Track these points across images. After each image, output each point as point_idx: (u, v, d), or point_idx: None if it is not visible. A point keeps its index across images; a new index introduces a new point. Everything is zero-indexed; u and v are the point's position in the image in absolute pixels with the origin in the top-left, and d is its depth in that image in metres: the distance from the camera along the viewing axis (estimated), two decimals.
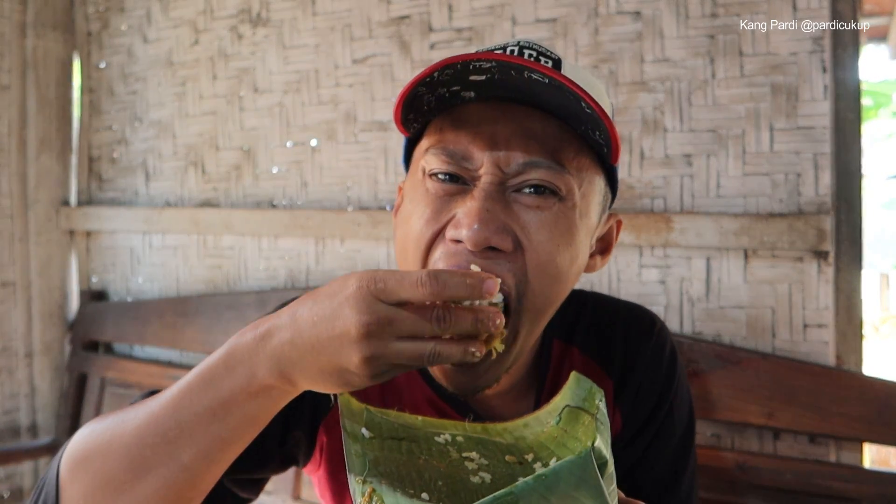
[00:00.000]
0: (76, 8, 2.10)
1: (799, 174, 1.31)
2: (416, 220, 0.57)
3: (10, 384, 1.98)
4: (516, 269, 0.54)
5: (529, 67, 0.50)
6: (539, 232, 0.55)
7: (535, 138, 0.55)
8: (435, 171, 0.57)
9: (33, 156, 2.02)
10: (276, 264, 1.81)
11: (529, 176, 0.55)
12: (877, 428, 1.18)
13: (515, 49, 0.58)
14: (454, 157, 0.56)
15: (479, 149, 0.55)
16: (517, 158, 0.55)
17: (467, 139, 0.55)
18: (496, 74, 0.53)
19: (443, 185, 0.57)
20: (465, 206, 0.54)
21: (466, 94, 0.56)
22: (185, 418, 0.48)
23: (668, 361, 0.74)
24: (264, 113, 1.82)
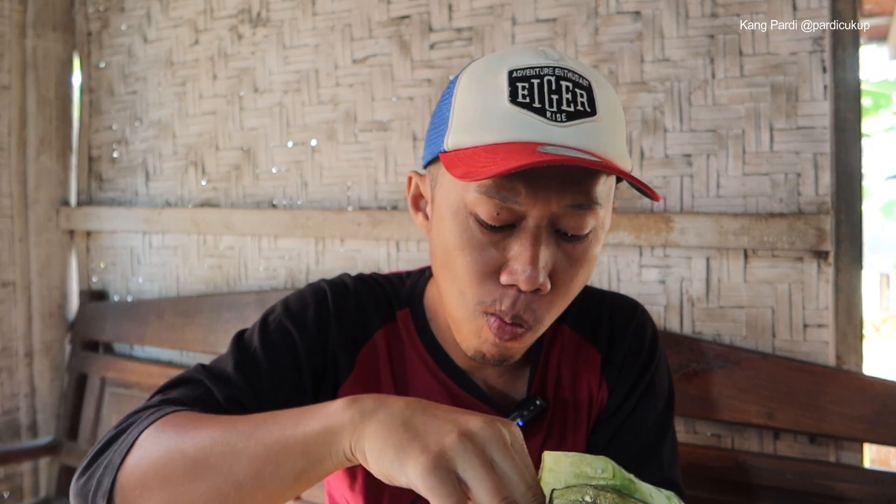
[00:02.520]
0: (76, 8, 2.10)
1: (799, 174, 1.31)
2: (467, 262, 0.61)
3: (10, 384, 1.98)
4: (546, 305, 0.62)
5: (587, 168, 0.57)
6: (572, 270, 0.62)
7: (579, 185, 0.59)
8: (485, 219, 0.59)
9: (33, 156, 2.02)
10: (276, 264, 1.81)
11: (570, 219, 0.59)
12: (877, 428, 1.18)
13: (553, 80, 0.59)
14: (507, 202, 0.58)
15: (530, 195, 0.58)
16: (563, 203, 0.58)
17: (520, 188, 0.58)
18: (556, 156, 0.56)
19: (490, 233, 0.60)
20: (518, 252, 0.59)
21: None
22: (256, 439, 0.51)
23: (650, 340, 0.80)
24: (264, 113, 1.82)
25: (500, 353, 0.64)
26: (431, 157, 0.66)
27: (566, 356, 0.77)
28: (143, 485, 0.53)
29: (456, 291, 0.63)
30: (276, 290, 1.76)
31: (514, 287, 0.60)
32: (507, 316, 0.61)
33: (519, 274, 0.58)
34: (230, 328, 1.75)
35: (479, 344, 0.64)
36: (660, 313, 1.40)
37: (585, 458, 0.46)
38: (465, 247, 0.61)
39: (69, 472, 1.95)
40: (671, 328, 1.39)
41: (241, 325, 1.78)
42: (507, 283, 0.60)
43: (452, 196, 0.62)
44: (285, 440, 0.49)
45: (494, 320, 0.62)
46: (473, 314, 0.62)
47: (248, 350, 0.69)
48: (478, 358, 0.65)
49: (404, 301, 0.77)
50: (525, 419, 0.72)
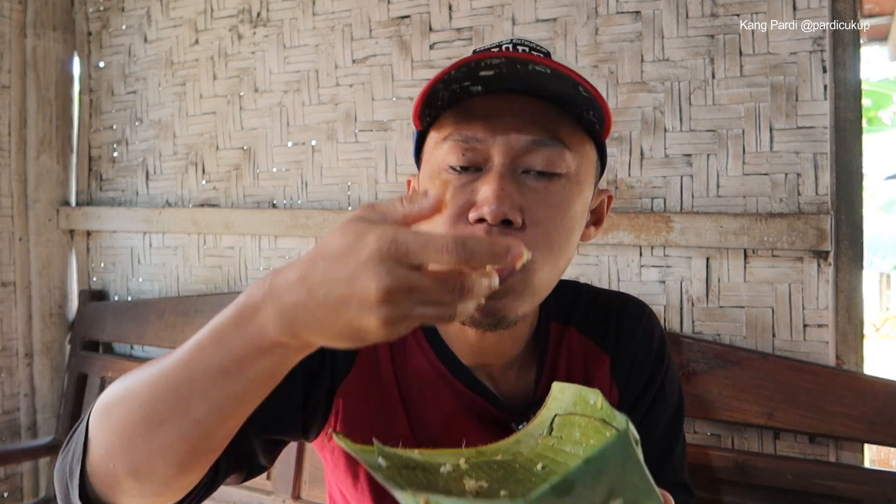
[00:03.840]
0: (76, 8, 2.10)
1: (799, 174, 1.31)
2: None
3: (10, 384, 1.98)
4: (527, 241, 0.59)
5: (533, 61, 0.57)
6: (544, 210, 0.61)
7: (538, 121, 0.62)
8: (452, 163, 0.63)
9: (33, 156, 2.02)
10: (276, 264, 1.81)
11: (535, 156, 0.61)
12: (877, 428, 1.18)
13: (510, 46, 0.65)
14: (469, 143, 0.62)
15: (490, 134, 0.61)
16: (524, 139, 0.61)
17: (479, 126, 0.61)
18: (504, 69, 0.59)
19: (459, 177, 0.62)
20: (482, 188, 0.60)
21: (475, 88, 0.62)
22: (196, 375, 0.48)
23: (659, 342, 0.79)
24: (264, 113, 1.82)
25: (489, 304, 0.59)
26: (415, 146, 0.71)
27: (574, 358, 0.76)
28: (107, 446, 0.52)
29: None
30: None
31: (483, 223, 0.59)
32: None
33: (483, 205, 0.58)
34: None
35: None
36: (660, 313, 1.40)
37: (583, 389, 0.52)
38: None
39: None
40: (671, 328, 1.39)
41: None
42: (474, 219, 0.59)
43: (429, 164, 0.66)
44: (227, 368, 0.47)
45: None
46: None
47: None
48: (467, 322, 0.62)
49: None
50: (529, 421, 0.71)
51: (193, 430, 0.49)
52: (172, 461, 0.50)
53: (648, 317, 0.80)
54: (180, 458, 0.50)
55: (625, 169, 1.44)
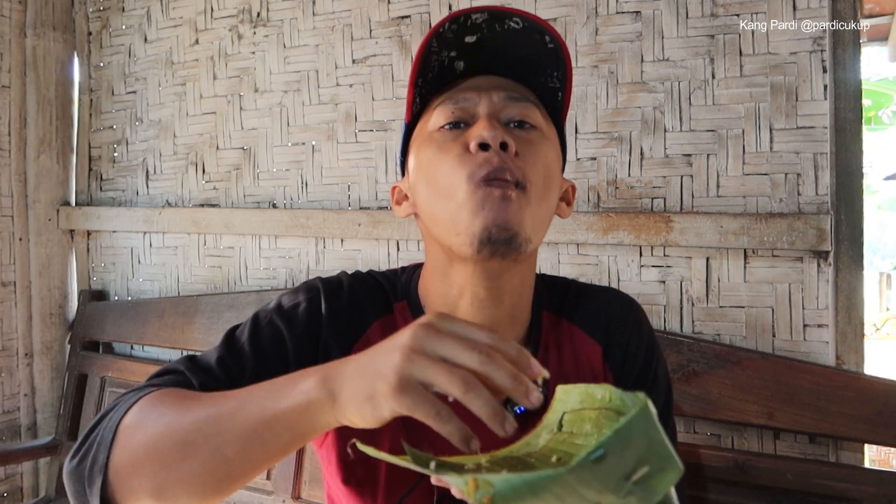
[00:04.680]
0: (76, 8, 2.10)
1: (799, 174, 1.31)
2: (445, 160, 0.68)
3: (10, 384, 1.98)
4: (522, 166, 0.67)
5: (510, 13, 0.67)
6: (530, 145, 0.69)
7: (508, 86, 0.72)
8: (442, 123, 0.70)
9: (33, 156, 2.02)
10: (276, 264, 1.81)
11: (513, 108, 0.70)
12: (877, 428, 1.18)
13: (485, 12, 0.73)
14: (458, 103, 0.70)
15: (475, 94, 0.70)
16: (504, 94, 0.70)
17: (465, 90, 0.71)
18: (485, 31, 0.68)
19: (451, 132, 0.70)
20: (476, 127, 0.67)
21: (458, 64, 0.72)
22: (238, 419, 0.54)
23: (648, 332, 0.82)
24: (264, 113, 1.82)
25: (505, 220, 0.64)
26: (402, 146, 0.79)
27: (565, 345, 0.78)
28: (134, 463, 0.56)
29: (447, 189, 0.67)
30: (276, 290, 1.76)
31: (487, 150, 0.66)
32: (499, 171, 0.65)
33: (482, 131, 0.66)
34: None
35: (484, 218, 0.64)
36: (660, 313, 1.40)
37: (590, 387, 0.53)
38: (436, 152, 0.69)
39: None
40: (671, 328, 1.39)
41: None
42: (475, 147, 0.66)
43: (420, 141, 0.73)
44: (267, 418, 0.53)
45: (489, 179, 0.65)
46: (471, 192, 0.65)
47: (236, 345, 0.72)
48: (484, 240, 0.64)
49: (401, 294, 0.79)
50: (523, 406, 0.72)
51: (222, 467, 0.54)
52: (195, 490, 0.55)
53: (637, 308, 0.83)
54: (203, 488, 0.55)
55: (625, 169, 1.44)
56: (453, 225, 0.66)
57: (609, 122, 1.45)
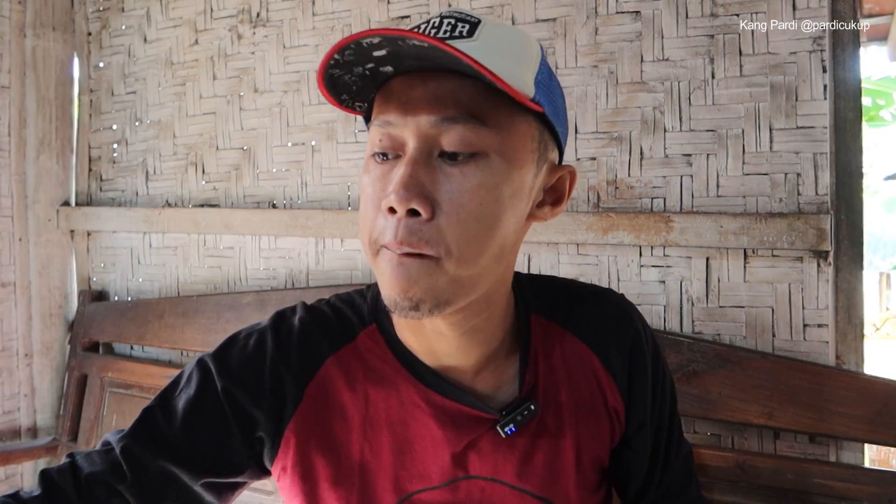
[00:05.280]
0: (76, 8, 2.10)
1: (799, 174, 1.31)
2: (365, 201, 0.61)
3: (10, 384, 1.98)
4: (434, 233, 0.57)
5: (409, 37, 0.52)
6: (460, 196, 0.57)
7: (449, 98, 0.57)
8: (375, 151, 0.61)
9: (33, 156, 2.02)
10: (276, 264, 1.81)
11: (447, 135, 0.57)
12: (877, 428, 1.18)
13: (437, 20, 0.61)
14: (385, 128, 0.59)
15: (402, 116, 0.58)
16: (433, 119, 0.57)
17: (394, 109, 0.59)
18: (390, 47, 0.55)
19: (381, 166, 0.60)
20: (393, 180, 0.57)
21: (385, 68, 0.58)
22: None
23: (651, 339, 0.78)
24: (264, 113, 1.82)
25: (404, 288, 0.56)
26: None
27: (556, 351, 0.74)
28: None
29: (362, 238, 0.61)
30: (276, 289, 1.76)
31: (393, 214, 0.57)
32: (394, 246, 0.56)
33: (390, 195, 0.56)
34: (230, 328, 1.74)
35: (387, 287, 0.58)
36: (660, 313, 1.40)
37: None
38: (366, 187, 0.61)
39: None
40: (671, 328, 1.39)
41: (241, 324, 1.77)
42: (384, 209, 0.57)
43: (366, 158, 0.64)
44: None
45: (386, 250, 0.58)
46: (376, 256, 0.59)
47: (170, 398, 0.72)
48: (392, 306, 0.59)
49: (368, 317, 0.72)
50: (518, 425, 0.68)
51: None
52: None
53: (636, 313, 0.78)
54: None
55: (625, 169, 1.44)
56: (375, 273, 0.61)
57: (609, 122, 1.45)
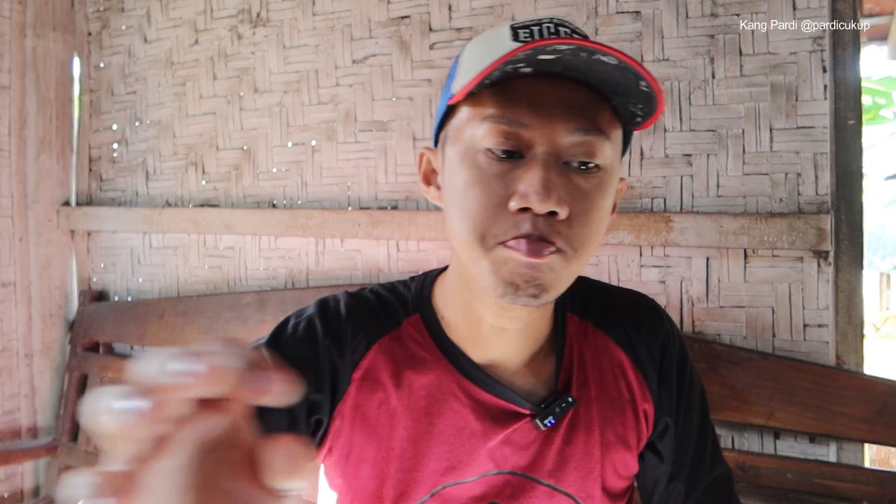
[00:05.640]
0: (76, 8, 2.10)
1: (799, 174, 1.31)
2: (475, 195, 0.60)
3: (10, 385, 1.98)
4: (566, 231, 0.59)
5: (600, 51, 0.54)
6: (583, 204, 0.60)
7: (579, 108, 0.60)
8: (491, 146, 0.60)
9: (33, 156, 2.02)
10: (276, 264, 1.81)
11: (578, 147, 0.59)
12: (877, 428, 1.18)
13: (551, 26, 0.63)
14: (512, 127, 0.59)
15: (535, 120, 0.59)
16: (569, 128, 0.59)
17: (525, 111, 0.59)
18: (567, 56, 0.55)
19: (499, 163, 0.60)
20: (527, 177, 0.58)
21: (525, 69, 0.59)
22: None
23: (679, 339, 0.80)
24: (264, 113, 1.82)
25: (534, 275, 0.59)
26: (439, 119, 0.68)
27: (589, 350, 0.75)
28: None
29: (468, 233, 0.61)
30: (276, 290, 1.76)
31: (527, 212, 0.58)
32: (532, 235, 0.57)
33: (531, 195, 0.57)
34: (230, 328, 1.75)
35: (508, 273, 0.59)
36: None
37: None
38: (475, 182, 0.60)
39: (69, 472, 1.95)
40: None
41: (241, 325, 1.78)
42: (517, 208, 0.58)
43: (462, 143, 0.63)
44: None
45: (519, 242, 0.58)
46: (492, 249, 0.59)
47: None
48: (509, 293, 0.60)
49: (412, 307, 0.73)
50: (556, 417, 0.69)
51: None
52: None
53: (665, 314, 0.80)
54: None
55: (625, 169, 1.44)
56: (473, 265, 0.62)
57: None
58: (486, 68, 0.56)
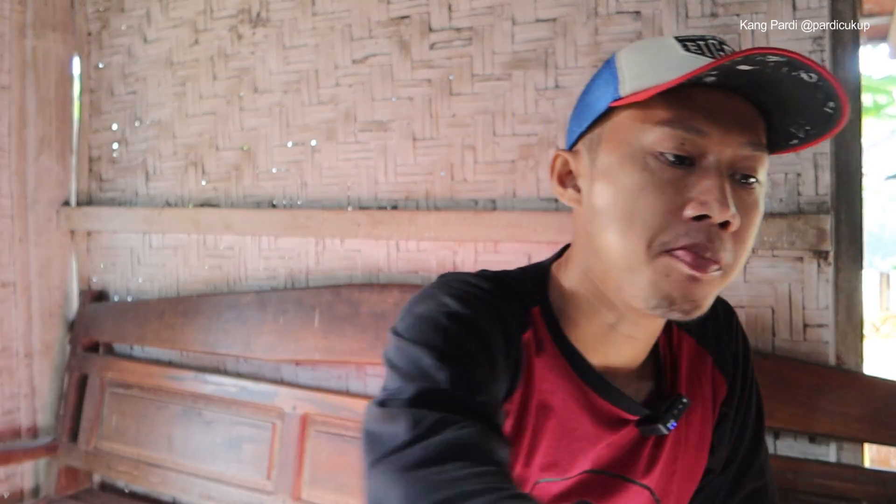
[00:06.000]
0: (76, 8, 2.10)
1: (799, 174, 1.31)
2: (648, 200, 0.59)
3: (10, 384, 1.98)
4: (730, 247, 0.59)
5: (807, 66, 0.53)
6: (748, 217, 0.60)
7: (750, 122, 0.60)
8: (664, 150, 0.59)
9: (33, 156, 2.02)
10: (275, 264, 1.81)
11: (747, 160, 0.60)
12: (877, 428, 1.18)
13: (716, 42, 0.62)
14: (689, 133, 0.58)
15: (713, 129, 0.58)
16: (743, 141, 0.59)
17: (702, 119, 0.58)
18: (766, 68, 0.55)
19: (672, 169, 0.59)
20: (704, 184, 0.57)
21: (709, 78, 0.57)
22: None
23: (744, 339, 0.83)
24: (264, 113, 1.82)
25: (693, 291, 0.58)
26: (589, 122, 0.66)
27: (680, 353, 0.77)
28: None
29: (632, 238, 0.59)
30: (276, 290, 1.76)
31: (703, 220, 0.57)
32: (703, 249, 0.57)
33: (711, 203, 0.56)
34: (230, 328, 1.75)
35: (666, 285, 0.58)
36: None
37: None
38: (644, 187, 0.59)
39: (69, 472, 1.95)
40: None
41: (241, 325, 1.78)
42: (694, 216, 0.57)
43: (626, 146, 0.61)
44: None
45: (687, 254, 0.57)
46: (657, 257, 0.58)
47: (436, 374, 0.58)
48: (663, 306, 0.59)
49: (533, 298, 0.70)
50: (676, 419, 0.69)
51: None
52: None
53: (733, 313, 0.84)
54: None
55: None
56: (629, 273, 0.60)
57: None
58: (695, 70, 0.55)
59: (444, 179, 1.61)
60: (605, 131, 0.64)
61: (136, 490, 1.95)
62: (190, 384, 1.79)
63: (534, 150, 1.52)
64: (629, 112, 0.62)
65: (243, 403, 1.71)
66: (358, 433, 1.54)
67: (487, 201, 1.57)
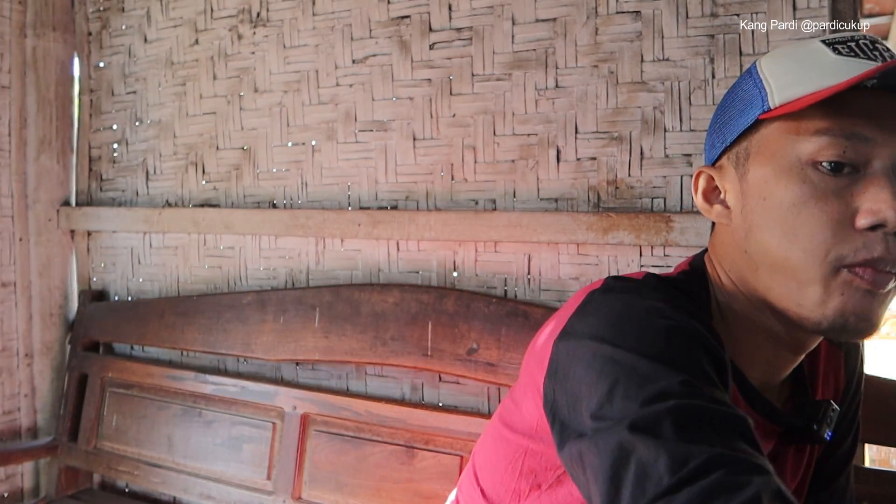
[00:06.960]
0: (76, 8, 2.10)
1: None
2: (814, 214, 0.56)
3: (10, 384, 1.98)
4: None
5: None
6: None
7: None
8: (824, 159, 0.56)
9: (33, 156, 2.02)
10: (276, 264, 1.82)
11: None
12: (877, 428, 1.18)
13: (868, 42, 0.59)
14: (851, 140, 0.55)
15: (879, 134, 0.55)
16: None
17: (864, 124, 0.55)
18: None
19: (834, 179, 0.56)
20: (875, 192, 0.54)
21: (870, 82, 0.54)
22: None
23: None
24: (264, 113, 1.82)
25: (870, 310, 0.55)
26: (734, 137, 0.64)
27: (821, 354, 0.75)
28: None
29: (807, 253, 0.56)
30: (276, 290, 1.76)
31: (878, 231, 0.54)
32: (883, 263, 0.54)
33: (885, 211, 0.53)
34: (230, 328, 1.75)
35: (841, 305, 0.55)
36: None
37: None
38: (808, 199, 0.56)
39: (69, 472, 1.95)
40: None
41: (241, 325, 1.79)
42: (868, 226, 0.54)
43: (779, 158, 0.59)
44: None
45: (866, 270, 0.54)
46: (832, 273, 0.55)
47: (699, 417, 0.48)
48: (836, 327, 0.56)
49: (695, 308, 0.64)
50: (831, 427, 0.68)
51: None
52: None
53: None
54: None
55: (625, 169, 1.44)
56: (798, 291, 0.57)
57: (609, 122, 1.45)
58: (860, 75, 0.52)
59: (444, 179, 1.61)
60: (752, 144, 0.62)
61: (136, 490, 1.95)
62: (190, 384, 1.79)
63: (534, 150, 1.52)
64: (779, 123, 0.59)
65: (243, 403, 1.71)
66: (358, 433, 1.54)
67: (487, 201, 1.57)
